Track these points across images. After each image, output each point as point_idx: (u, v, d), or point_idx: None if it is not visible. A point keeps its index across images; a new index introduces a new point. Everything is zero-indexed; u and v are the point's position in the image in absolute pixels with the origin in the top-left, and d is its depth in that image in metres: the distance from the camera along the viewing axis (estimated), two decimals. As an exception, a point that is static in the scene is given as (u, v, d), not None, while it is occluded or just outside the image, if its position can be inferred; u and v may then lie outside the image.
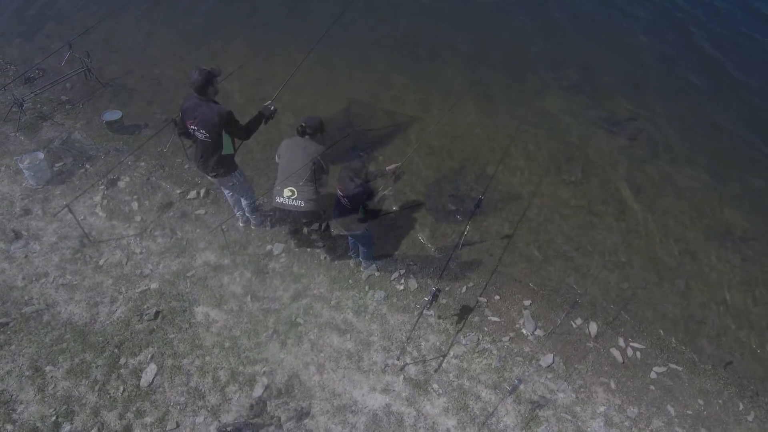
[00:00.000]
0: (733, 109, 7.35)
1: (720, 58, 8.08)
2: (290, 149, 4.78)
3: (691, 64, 8.02)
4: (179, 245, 5.71)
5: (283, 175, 4.77)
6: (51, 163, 6.62)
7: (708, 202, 6.33)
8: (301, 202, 4.75)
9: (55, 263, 5.57)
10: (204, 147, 4.80)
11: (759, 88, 7.64)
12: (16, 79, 7.75)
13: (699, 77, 7.81)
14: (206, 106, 4.52)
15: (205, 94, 4.51)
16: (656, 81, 7.73)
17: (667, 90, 7.60)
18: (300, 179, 4.66)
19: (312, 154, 4.66)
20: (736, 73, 7.87)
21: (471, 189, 6.42)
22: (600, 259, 5.77)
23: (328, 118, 7.14)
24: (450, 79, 7.76)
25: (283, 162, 4.81)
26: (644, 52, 8.19)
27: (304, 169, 4.63)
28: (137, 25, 8.73)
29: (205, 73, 4.41)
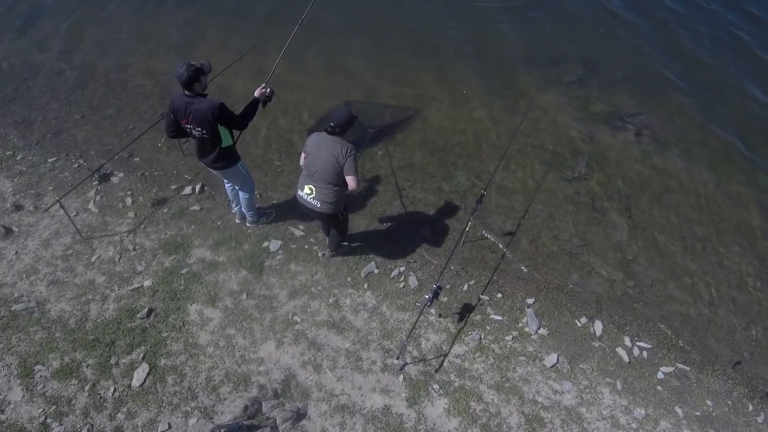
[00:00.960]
0: (743, 103, 7.21)
1: (730, 52, 7.94)
2: (316, 146, 4.43)
3: (698, 57, 7.87)
4: (173, 242, 5.58)
5: (306, 171, 4.54)
6: (44, 157, 6.51)
7: (716, 198, 6.18)
8: (317, 202, 4.53)
9: (46, 260, 5.43)
10: (202, 143, 4.66)
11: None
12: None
13: (706, 71, 7.67)
14: (197, 102, 4.34)
15: (192, 89, 4.32)
16: (662, 75, 7.58)
17: (673, 84, 7.46)
18: (321, 179, 4.43)
19: (337, 154, 4.29)
20: (745, 66, 7.73)
21: (473, 185, 6.28)
22: (605, 256, 5.62)
23: (325, 110, 7.05)
24: (451, 74, 7.63)
25: (309, 159, 4.50)
26: (649, 45, 8.05)
27: (326, 168, 4.37)
28: (133, 20, 8.60)
29: (192, 69, 4.20)
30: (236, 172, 5.00)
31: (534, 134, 6.82)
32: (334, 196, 4.49)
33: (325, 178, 4.39)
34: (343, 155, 4.28)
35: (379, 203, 6.06)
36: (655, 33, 8.25)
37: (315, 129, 6.87)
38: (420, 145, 6.71)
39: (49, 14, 8.73)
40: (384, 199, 6.13)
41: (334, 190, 4.46)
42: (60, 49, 8.04)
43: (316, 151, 4.39)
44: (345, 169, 4.31)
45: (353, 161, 4.31)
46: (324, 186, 4.44)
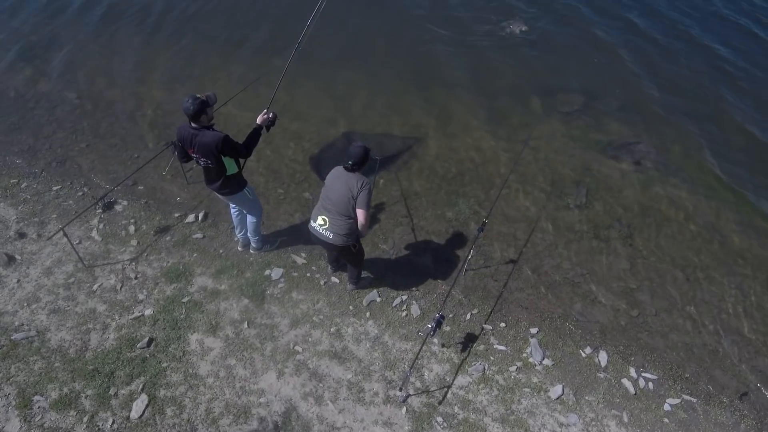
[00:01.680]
0: (739, 131, 7.30)
1: (725, 80, 8.06)
2: (333, 179, 4.56)
3: (693, 87, 8.00)
4: (175, 270, 5.57)
5: (321, 203, 4.62)
6: (49, 185, 6.56)
7: (717, 227, 6.20)
8: (330, 234, 4.56)
9: (48, 288, 5.42)
10: (208, 171, 4.76)
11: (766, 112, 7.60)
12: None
13: (701, 100, 7.78)
14: (202, 134, 4.42)
15: (198, 121, 4.41)
16: (658, 104, 7.69)
17: (669, 113, 7.55)
18: (336, 210, 4.49)
19: (352, 186, 4.39)
20: (740, 95, 7.84)
21: (474, 213, 6.31)
22: (608, 285, 5.61)
23: (328, 139, 7.12)
24: (451, 104, 7.73)
25: (325, 190, 4.62)
26: (644, 76, 8.18)
27: (341, 201, 4.45)
28: (140, 51, 8.76)
29: (198, 102, 4.30)
30: (243, 197, 5.05)
31: (534, 163, 6.88)
32: (347, 228, 4.52)
33: (340, 209, 4.45)
34: (358, 188, 4.37)
35: (381, 231, 6.07)
36: (651, 64, 8.39)
37: (318, 158, 6.95)
38: (421, 174, 6.76)
39: (58, 45, 8.90)
40: (386, 226, 6.15)
41: (348, 222, 4.50)
42: (67, 79, 8.17)
43: (333, 183, 4.51)
44: (357, 201, 4.39)
45: (366, 195, 4.41)
46: (338, 217, 4.49)
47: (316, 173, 6.77)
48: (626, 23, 9.14)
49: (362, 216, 4.44)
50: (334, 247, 4.70)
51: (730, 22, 9.15)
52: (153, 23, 9.33)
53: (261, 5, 9.70)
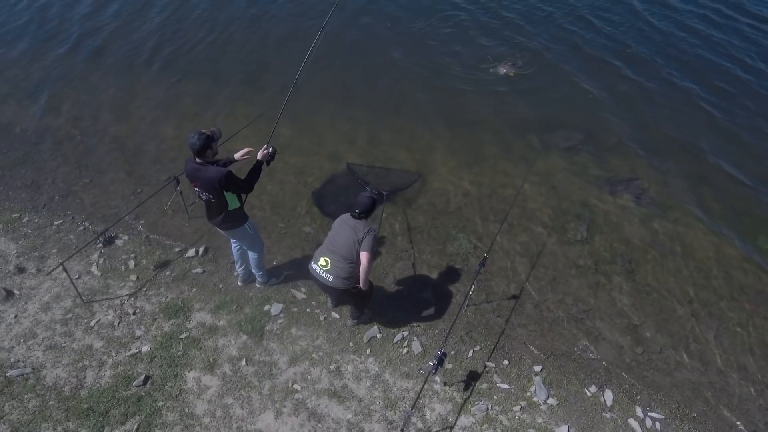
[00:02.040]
0: (739, 167, 7.33)
1: (722, 117, 8.16)
2: (340, 224, 4.70)
3: (690, 123, 8.08)
4: (174, 305, 5.52)
5: (324, 245, 4.74)
6: (50, 220, 6.58)
7: (718, 262, 6.17)
8: (330, 276, 4.62)
9: (45, 324, 5.37)
10: (210, 206, 4.80)
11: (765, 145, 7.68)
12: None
13: (700, 135, 7.85)
14: (205, 170, 4.50)
15: (204, 157, 4.49)
16: (656, 141, 7.76)
17: (667, 150, 7.62)
18: (339, 254, 4.59)
19: (358, 231, 4.53)
20: (739, 130, 7.92)
21: (475, 247, 6.30)
22: (611, 321, 5.54)
23: (330, 174, 7.17)
24: (450, 138, 7.82)
25: (331, 234, 4.76)
26: (641, 112, 8.29)
27: (346, 245, 4.56)
28: (145, 88, 8.93)
29: (204, 138, 4.41)
30: (244, 232, 5.06)
31: (534, 197, 6.91)
32: (348, 271, 4.59)
33: (343, 253, 4.56)
34: (364, 233, 4.54)
35: (382, 266, 6.05)
36: (647, 101, 8.51)
37: (319, 193, 6.99)
38: (421, 208, 6.78)
39: (64, 81, 9.07)
40: (386, 261, 6.13)
41: (350, 266, 4.59)
42: (73, 115, 8.30)
43: (339, 228, 4.66)
44: (362, 245, 4.52)
45: (372, 239, 4.55)
46: (340, 260, 4.58)
47: (318, 208, 6.79)
48: (622, 60, 9.33)
49: (365, 259, 4.53)
50: (333, 290, 4.76)
51: (727, 57, 9.34)
52: (155, 60, 9.54)
53: (260, 44, 9.92)
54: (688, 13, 10.49)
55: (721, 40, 9.74)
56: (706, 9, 10.62)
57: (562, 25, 10.13)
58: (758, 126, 7.99)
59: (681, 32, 9.95)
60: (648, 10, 10.54)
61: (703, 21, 10.28)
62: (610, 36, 9.91)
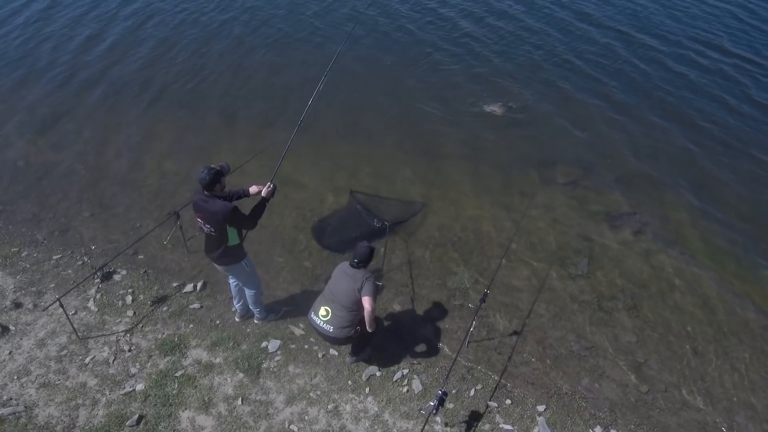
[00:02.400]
0: (739, 200, 7.35)
1: (721, 151, 8.25)
2: (339, 273, 4.79)
3: (690, 157, 8.16)
4: (170, 342, 5.44)
5: (324, 295, 4.83)
6: (49, 254, 6.56)
7: (721, 297, 6.11)
8: (330, 327, 4.69)
9: (40, 360, 5.28)
10: (210, 239, 4.83)
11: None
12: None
13: (699, 170, 7.91)
14: (212, 203, 4.56)
15: (212, 190, 4.58)
16: (654, 176, 7.81)
17: (666, 184, 7.66)
18: (339, 302, 4.66)
19: (357, 279, 4.62)
20: (736, 163, 7.99)
21: (475, 282, 6.25)
22: (615, 359, 5.44)
23: (329, 208, 7.18)
24: (450, 173, 7.87)
25: (330, 283, 4.85)
26: (639, 147, 8.37)
27: (346, 294, 4.64)
28: (148, 124, 9.04)
29: (213, 172, 4.51)
30: (240, 269, 5.03)
31: (534, 232, 6.90)
32: (349, 320, 4.65)
33: (343, 302, 4.63)
34: (363, 279, 4.60)
35: (381, 301, 5.99)
36: (645, 137, 8.61)
37: (318, 227, 6.99)
38: (421, 242, 6.76)
39: (69, 117, 9.19)
40: (386, 296, 6.07)
41: (350, 314, 4.65)
42: (76, 150, 8.38)
43: (338, 277, 4.74)
44: (363, 290, 4.58)
45: (372, 284, 4.63)
46: (340, 309, 4.64)
47: (317, 242, 6.78)
48: (617, 99, 9.49)
49: (368, 303, 4.58)
50: (335, 340, 4.82)
51: (722, 94, 9.48)
52: (158, 96, 9.68)
53: (260, 79, 10.11)
54: (673, 55, 10.68)
55: (709, 80, 9.92)
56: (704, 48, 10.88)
57: (551, 69, 10.24)
58: (758, 160, 8.04)
59: (673, 72, 10.13)
60: (635, 54, 10.72)
61: (697, 57, 10.51)
62: (601, 76, 10.07)
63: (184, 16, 12.25)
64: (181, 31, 11.64)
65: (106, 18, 12.26)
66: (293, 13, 12.32)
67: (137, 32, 11.66)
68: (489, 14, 12.18)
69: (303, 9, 12.45)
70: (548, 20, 11.92)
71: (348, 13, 12.20)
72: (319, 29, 11.55)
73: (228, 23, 11.92)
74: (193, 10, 12.49)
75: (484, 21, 11.87)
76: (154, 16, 12.27)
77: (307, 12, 12.31)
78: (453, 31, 11.49)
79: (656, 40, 11.06)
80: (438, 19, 11.98)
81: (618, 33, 11.34)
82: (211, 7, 12.58)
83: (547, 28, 11.60)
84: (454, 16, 12.09)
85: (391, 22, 11.81)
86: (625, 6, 12.46)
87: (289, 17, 12.16)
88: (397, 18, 11.98)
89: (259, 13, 12.30)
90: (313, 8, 12.45)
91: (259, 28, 11.72)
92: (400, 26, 11.67)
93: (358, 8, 12.28)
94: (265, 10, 12.44)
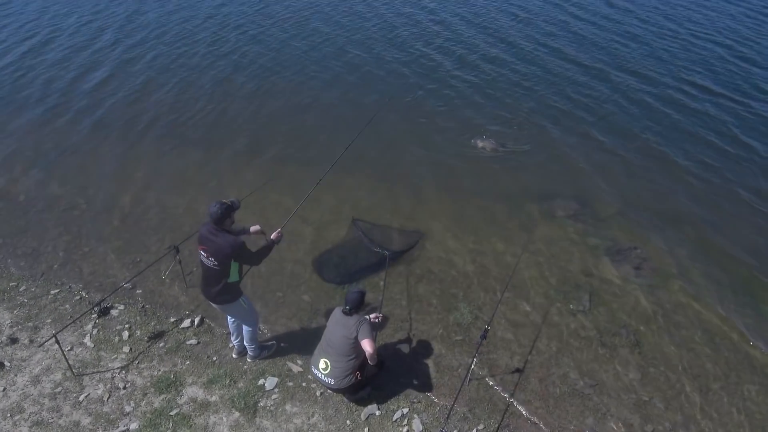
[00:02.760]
0: (738, 236, 7.34)
1: (720, 182, 8.30)
2: (334, 322, 4.87)
3: (689, 190, 8.19)
4: (166, 379, 5.35)
5: (322, 345, 4.91)
6: (47, 289, 6.53)
7: (724, 333, 6.03)
8: (331, 380, 4.77)
9: (34, 397, 5.19)
10: (209, 273, 4.78)
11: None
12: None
13: (699, 203, 7.93)
14: (221, 236, 4.59)
15: (222, 225, 4.62)
16: (654, 209, 7.83)
17: (666, 218, 7.67)
18: (336, 352, 4.74)
19: (350, 326, 4.70)
20: (737, 198, 8.02)
21: (476, 317, 6.19)
22: (619, 397, 5.33)
23: (330, 241, 7.17)
24: (449, 207, 7.90)
25: (326, 333, 4.93)
26: (638, 181, 8.43)
27: (341, 343, 4.71)
28: (150, 158, 9.14)
29: (225, 207, 4.57)
30: (238, 307, 5.00)
31: (535, 266, 6.87)
32: (349, 368, 4.74)
33: (340, 351, 4.72)
34: (357, 325, 4.69)
35: (380, 336, 5.91)
36: (643, 169, 8.68)
37: (318, 261, 6.97)
38: (421, 277, 6.73)
39: (71, 151, 9.30)
40: (385, 332, 6.00)
41: (349, 363, 4.73)
42: (78, 184, 8.43)
43: (332, 327, 4.83)
44: (360, 334, 4.66)
45: (368, 326, 4.73)
46: (338, 358, 4.72)
47: (318, 275, 6.76)
48: (615, 132, 9.61)
49: (369, 346, 4.65)
50: (338, 391, 4.89)
51: (721, 127, 9.60)
52: (159, 131, 9.82)
53: (259, 114, 10.31)
54: (669, 92, 10.88)
55: (712, 112, 10.08)
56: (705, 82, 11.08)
57: (546, 108, 10.37)
58: (757, 194, 8.07)
59: (671, 108, 10.28)
60: (629, 91, 10.90)
61: (695, 92, 10.69)
62: (598, 111, 10.25)
63: (183, 50, 12.62)
64: (179, 69, 11.97)
65: (110, 54, 12.61)
66: (281, 52, 12.70)
67: (142, 70, 11.95)
68: (480, 54, 12.49)
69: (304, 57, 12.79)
70: (548, 61, 12.21)
71: (335, 52, 12.56)
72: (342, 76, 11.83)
73: (216, 62, 12.28)
74: (189, 48, 12.84)
75: (469, 60, 12.20)
76: (158, 53, 12.65)
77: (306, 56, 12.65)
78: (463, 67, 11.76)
79: (652, 78, 11.28)
80: (432, 59, 12.27)
81: (611, 72, 11.56)
82: (220, 43, 12.94)
83: (551, 66, 11.88)
84: (442, 57, 12.39)
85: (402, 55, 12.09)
86: (614, 47, 12.72)
87: (279, 56, 12.51)
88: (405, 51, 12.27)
89: (250, 54, 12.66)
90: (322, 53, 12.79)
91: (246, 66, 12.03)
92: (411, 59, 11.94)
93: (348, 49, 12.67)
94: (263, 46, 12.78)
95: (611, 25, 13.81)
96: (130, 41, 13.30)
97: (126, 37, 13.52)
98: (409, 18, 14.52)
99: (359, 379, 4.84)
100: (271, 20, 14.48)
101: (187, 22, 14.43)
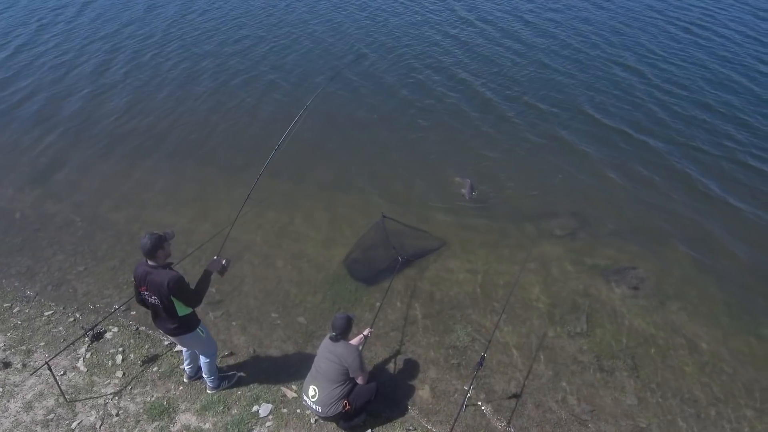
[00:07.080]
0: (737, 256, 7.30)
1: (718, 199, 8.28)
2: (323, 350, 4.89)
3: (687, 209, 8.15)
4: (159, 405, 5.30)
5: (311, 372, 4.93)
6: (41, 311, 6.48)
7: (722, 356, 5.98)
8: (319, 407, 4.79)
9: (26, 425, 5.13)
10: (157, 310, 4.63)
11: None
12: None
13: (697, 223, 7.89)
14: (156, 273, 4.38)
15: (155, 258, 4.38)
16: (651, 229, 7.80)
17: (663, 238, 7.64)
18: (325, 378, 4.76)
19: (339, 355, 4.75)
20: (735, 218, 7.98)
21: (473, 340, 6.14)
22: (617, 423, 5.28)
23: (325, 260, 7.11)
24: (447, 226, 7.86)
25: (315, 360, 4.95)
26: (636, 200, 8.39)
27: (331, 369, 4.75)
28: (148, 175, 9.11)
29: (155, 238, 4.31)
30: (195, 337, 4.87)
31: (531, 287, 6.83)
32: (336, 395, 4.74)
33: (329, 377, 4.75)
34: (348, 357, 4.74)
35: (376, 359, 5.87)
36: (641, 189, 8.64)
37: (314, 280, 6.92)
38: (417, 298, 6.69)
39: (68, 168, 9.27)
40: (381, 354, 5.95)
41: (338, 389, 4.75)
42: (74, 202, 8.41)
43: (322, 355, 4.85)
44: (351, 370, 4.77)
45: (358, 359, 4.78)
46: (327, 384, 4.74)
47: (350, 274, 6.86)
48: (617, 144, 9.59)
49: (362, 380, 4.85)
50: (326, 419, 4.88)
51: (719, 144, 9.58)
52: (155, 149, 9.80)
53: (257, 129, 10.31)
54: (677, 96, 10.89)
55: (715, 126, 10.04)
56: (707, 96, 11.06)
57: (544, 123, 10.39)
58: (756, 213, 8.03)
59: (665, 127, 10.19)
60: (646, 93, 10.91)
61: (695, 107, 10.67)
62: (597, 128, 10.22)
63: (185, 67, 12.62)
64: (171, 84, 11.98)
65: (107, 71, 12.59)
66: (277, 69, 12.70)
67: (138, 86, 11.94)
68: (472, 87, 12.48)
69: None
70: (552, 70, 12.20)
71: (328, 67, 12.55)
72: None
73: (216, 74, 12.27)
74: (192, 64, 12.82)
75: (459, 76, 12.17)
76: (156, 68, 12.64)
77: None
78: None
79: (651, 95, 11.25)
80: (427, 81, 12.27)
81: (610, 89, 11.56)
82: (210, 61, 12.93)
83: (554, 75, 11.86)
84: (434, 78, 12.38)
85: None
86: (609, 66, 12.73)
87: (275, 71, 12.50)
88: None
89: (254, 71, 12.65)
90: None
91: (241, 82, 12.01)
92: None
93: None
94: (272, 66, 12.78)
95: (597, 42, 13.82)
96: (123, 57, 13.24)
97: (118, 53, 13.45)
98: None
99: (347, 408, 4.79)
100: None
101: (185, 34, 14.44)
